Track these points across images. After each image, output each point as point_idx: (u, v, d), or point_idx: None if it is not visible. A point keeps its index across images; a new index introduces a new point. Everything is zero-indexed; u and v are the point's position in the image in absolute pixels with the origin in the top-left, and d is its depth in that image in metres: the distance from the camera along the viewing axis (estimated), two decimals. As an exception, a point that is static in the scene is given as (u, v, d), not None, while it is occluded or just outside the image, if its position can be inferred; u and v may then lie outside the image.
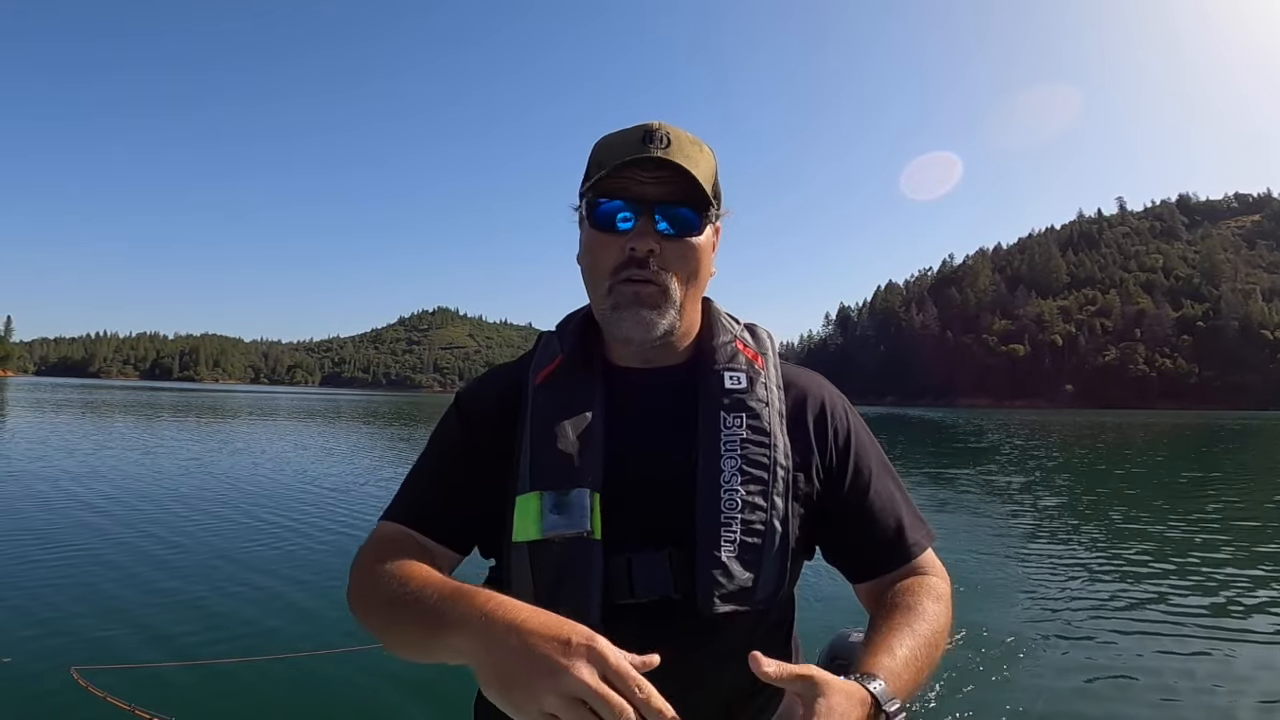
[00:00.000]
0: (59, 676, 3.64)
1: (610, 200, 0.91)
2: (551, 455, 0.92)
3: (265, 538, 7.56)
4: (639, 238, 0.90)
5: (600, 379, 0.99)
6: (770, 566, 0.90)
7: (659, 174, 0.89)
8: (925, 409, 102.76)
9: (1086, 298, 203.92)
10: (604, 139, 0.96)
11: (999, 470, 16.44)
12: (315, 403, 60.95)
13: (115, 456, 14.62)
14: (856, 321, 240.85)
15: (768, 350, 1.04)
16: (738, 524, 0.88)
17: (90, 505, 9.11)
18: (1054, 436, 32.52)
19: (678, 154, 0.90)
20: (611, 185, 0.91)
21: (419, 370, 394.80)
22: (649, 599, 0.88)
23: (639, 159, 0.88)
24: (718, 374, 0.97)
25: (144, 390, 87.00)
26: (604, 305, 0.95)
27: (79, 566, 6.14)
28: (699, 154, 0.93)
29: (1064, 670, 4.24)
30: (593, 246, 0.94)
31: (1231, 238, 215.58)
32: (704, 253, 0.95)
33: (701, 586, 0.87)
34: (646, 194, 0.90)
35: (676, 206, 0.91)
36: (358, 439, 22.67)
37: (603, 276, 0.94)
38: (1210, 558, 7.23)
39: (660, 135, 0.90)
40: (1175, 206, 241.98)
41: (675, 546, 0.89)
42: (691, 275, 0.95)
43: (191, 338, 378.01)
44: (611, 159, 0.91)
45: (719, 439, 0.92)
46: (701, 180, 0.90)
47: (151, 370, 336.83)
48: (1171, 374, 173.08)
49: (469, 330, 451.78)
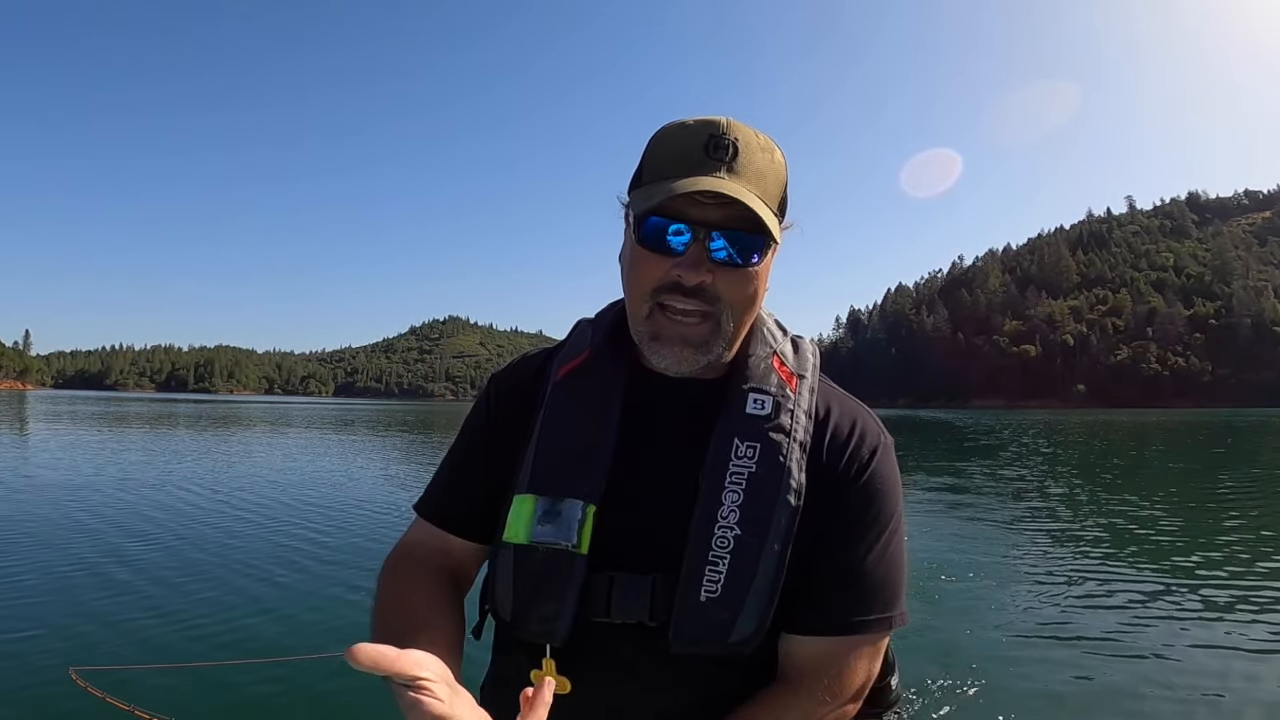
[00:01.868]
0: (58, 677, 3.62)
1: (662, 218, 0.82)
2: (554, 459, 0.89)
3: (267, 540, 7.63)
4: (690, 268, 0.82)
5: (623, 383, 0.93)
6: (751, 612, 0.84)
7: (722, 196, 0.79)
8: (938, 411, 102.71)
9: (1097, 297, 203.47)
10: (664, 134, 0.86)
11: (1009, 469, 16.87)
12: (331, 413, 61.36)
13: (120, 462, 14.94)
14: (867, 324, 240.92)
15: (806, 370, 0.95)
16: (725, 564, 0.83)
17: (88, 507, 9.26)
18: (1066, 436, 32.80)
19: (745, 167, 0.82)
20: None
21: (431, 379, 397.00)
22: (624, 621, 0.85)
23: (700, 187, 0.79)
24: (742, 394, 0.90)
25: (161, 402, 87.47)
26: (642, 327, 0.88)
27: (78, 568, 6.20)
28: (769, 164, 0.84)
29: (1061, 666, 4.24)
30: (637, 262, 0.86)
31: (1242, 235, 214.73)
32: (761, 280, 0.87)
33: (676, 621, 0.83)
34: (707, 217, 0.81)
35: (740, 234, 0.82)
36: (369, 446, 22.78)
37: (643, 295, 0.86)
38: (1221, 555, 7.22)
39: (726, 143, 0.81)
40: (1185, 204, 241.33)
41: (662, 573, 0.85)
42: (748, 305, 0.87)
43: (206, 349, 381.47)
44: (671, 168, 0.82)
45: (725, 469, 0.86)
46: (770, 199, 0.83)
47: (167, 382, 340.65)
48: (1184, 372, 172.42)
49: (480, 339, 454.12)
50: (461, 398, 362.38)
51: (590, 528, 0.85)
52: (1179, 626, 5.00)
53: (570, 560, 0.85)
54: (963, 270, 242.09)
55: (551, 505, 0.86)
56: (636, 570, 0.86)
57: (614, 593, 0.85)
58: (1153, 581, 6.24)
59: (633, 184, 0.88)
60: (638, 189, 0.86)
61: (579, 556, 0.85)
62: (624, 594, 0.85)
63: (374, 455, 19.71)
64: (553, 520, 0.85)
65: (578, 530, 0.85)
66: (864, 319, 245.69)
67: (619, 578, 0.85)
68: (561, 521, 0.85)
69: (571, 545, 0.84)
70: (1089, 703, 3.81)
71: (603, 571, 0.85)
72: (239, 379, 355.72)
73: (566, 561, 0.85)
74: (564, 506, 0.86)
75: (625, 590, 0.85)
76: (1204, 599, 5.67)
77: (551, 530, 0.85)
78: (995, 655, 4.38)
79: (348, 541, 7.67)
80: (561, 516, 0.85)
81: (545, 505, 0.86)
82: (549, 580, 0.85)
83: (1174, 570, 6.68)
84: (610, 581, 0.85)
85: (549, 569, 0.85)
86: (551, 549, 0.85)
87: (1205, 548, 7.66)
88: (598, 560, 0.85)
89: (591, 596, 0.85)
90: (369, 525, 8.61)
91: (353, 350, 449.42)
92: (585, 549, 0.85)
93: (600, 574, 0.85)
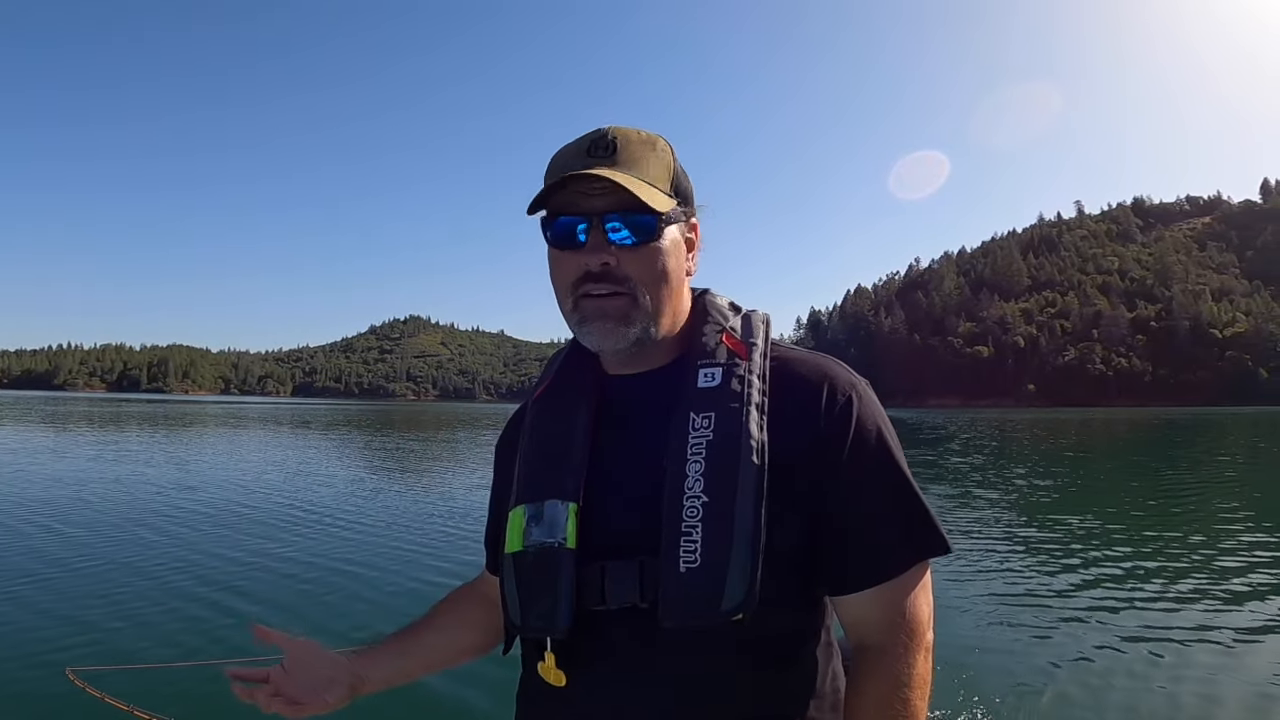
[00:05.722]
0: (55, 677, 3.65)
1: (562, 216, 0.91)
2: (535, 469, 0.96)
3: (262, 539, 7.76)
4: (592, 252, 0.90)
5: (590, 389, 1.00)
6: (736, 576, 0.83)
7: (605, 184, 0.87)
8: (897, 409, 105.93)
9: (1047, 300, 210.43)
10: (557, 152, 0.95)
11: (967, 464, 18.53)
12: (293, 413, 61.00)
13: (111, 463, 15.29)
14: (828, 325, 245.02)
15: (755, 339, 0.98)
16: (698, 533, 0.85)
17: (84, 508, 9.46)
18: (1016, 433, 35.09)
19: (624, 159, 0.89)
20: (563, 201, 0.90)
21: (392, 379, 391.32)
22: (619, 606, 0.88)
23: (572, 171, 0.87)
24: (694, 371, 0.94)
25: (116, 403, 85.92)
26: (572, 320, 0.95)
27: (74, 568, 6.30)
28: (650, 154, 0.92)
29: (1021, 657, 4.44)
30: (552, 263, 0.94)
31: (1183, 240, 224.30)
32: (670, 254, 0.93)
33: (663, 597, 0.85)
34: (595, 206, 0.89)
35: (628, 214, 0.89)
36: (337, 446, 23.22)
37: (566, 293, 0.94)
38: (1160, 539, 7.84)
39: (606, 142, 0.90)
40: (1130, 210, 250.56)
41: (646, 555, 0.87)
42: (659, 279, 0.93)
43: (159, 349, 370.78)
44: (559, 172, 0.90)
45: (686, 442, 0.89)
46: (651, 181, 0.90)
47: (119, 382, 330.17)
48: (1127, 373, 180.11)
49: (441, 338, 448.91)
50: (423, 398, 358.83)
51: (574, 524, 0.90)
52: (1121, 611, 5.42)
53: (558, 555, 0.89)
54: (920, 272, 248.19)
55: (536, 510, 0.92)
56: (623, 556, 0.89)
57: (606, 580, 0.88)
58: (1099, 564, 6.87)
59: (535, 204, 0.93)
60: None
61: (567, 550, 0.89)
62: (614, 580, 0.88)
63: (351, 454, 20.20)
64: (540, 521, 0.91)
65: (562, 526, 0.89)
66: (824, 320, 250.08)
67: (609, 566, 0.88)
68: (546, 521, 0.90)
69: (558, 541, 0.89)
70: (1040, 686, 4.02)
71: (593, 563, 0.89)
72: (194, 379, 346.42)
73: (555, 556, 0.89)
74: (547, 508, 0.91)
75: (614, 576, 0.88)
76: (1138, 580, 6.26)
77: (541, 531, 0.90)
78: (957, 642, 4.61)
79: (347, 541, 7.89)
80: (545, 517, 0.91)
81: (531, 511, 0.92)
82: (542, 577, 0.89)
83: (1118, 555, 7.30)
84: (602, 570, 0.88)
85: (541, 567, 0.90)
86: (542, 548, 0.90)
87: (1140, 532, 8.44)
88: (588, 554, 0.89)
89: (586, 588, 0.88)
90: (369, 525, 8.93)
91: (311, 350, 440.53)
92: (572, 543, 0.89)
93: (591, 565, 0.89)
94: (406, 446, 24.31)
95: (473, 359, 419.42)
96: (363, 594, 5.85)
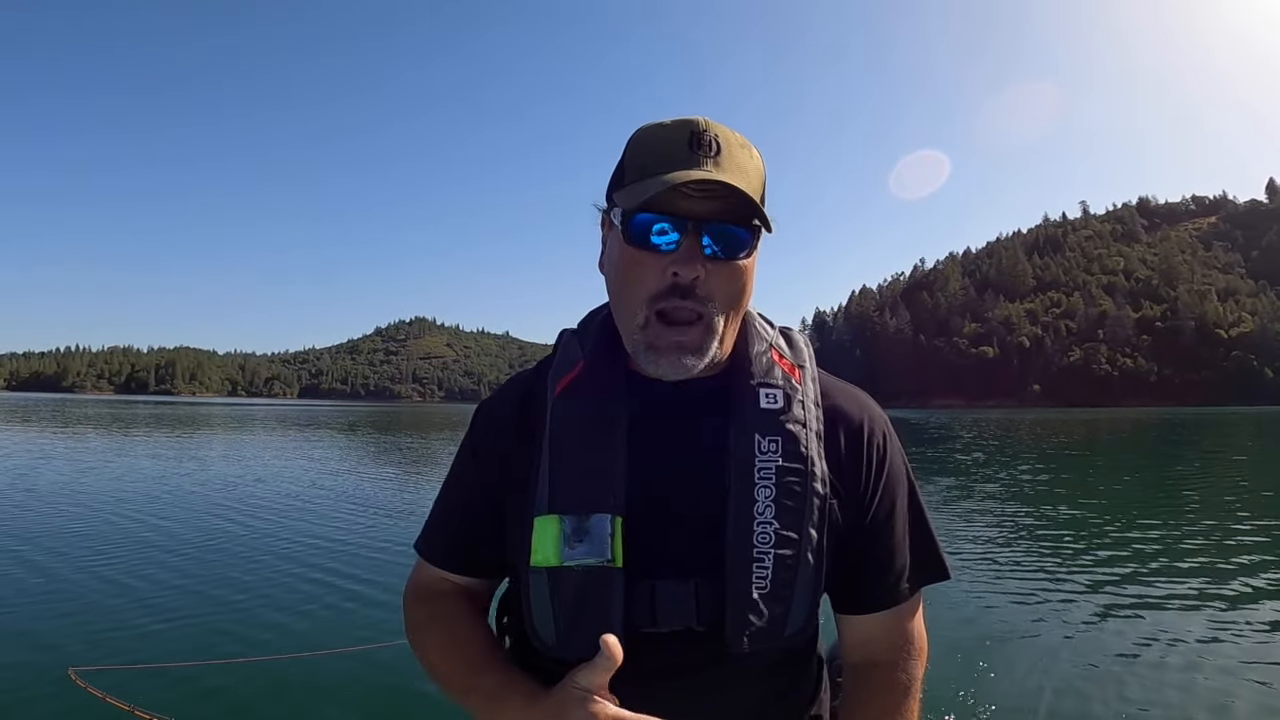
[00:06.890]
0: (57, 677, 3.66)
1: (651, 214, 0.81)
2: (571, 476, 0.87)
3: (260, 539, 7.70)
4: (684, 262, 0.81)
5: (624, 390, 0.92)
6: (802, 602, 0.86)
7: (712, 187, 0.80)
8: (901, 410, 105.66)
9: (1052, 300, 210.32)
10: (643, 134, 0.86)
11: (971, 464, 18.47)
12: (299, 414, 60.93)
13: (110, 463, 15.32)
14: (833, 326, 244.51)
15: (805, 361, 0.97)
16: (770, 559, 0.84)
17: (85, 509, 9.42)
18: (1021, 433, 34.93)
19: (728, 163, 0.82)
20: (656, 195, 0.80)
21: (398, 380, 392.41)
22: (670, 629, 0.85)
23: (694, 178, 0.79)
24: (753, 390, 0.90)
25: (124, 405, 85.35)
26: (637, 337, 0.86)
27: (75, 568, 6.26)
28: (748, 160, 0.85)
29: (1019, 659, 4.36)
30: (628, 265, 0.84)
31: (1189, 239, 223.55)
32: (751, 275, 0.87)
33: (731, 622, 0.83)
34: (696, 210, 0.81)
35: (727, 225, 0.82)
36: (342, 448, 23.07)
37: (638, 303, 0.85)
38: (1166, 538, 7.74)
39: (708, 140, 0.81)
40: (1135, 209, 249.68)
41: (702, 577, 0.85)
42: (737, 301, 0.87)
43: (166, 351, 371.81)
44: (656, 165, 0.81)
45: (753, 466, 0.86)
46: (754, 193, 0.82)
47: (127, 384, 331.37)
48: (1132, 373, 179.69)
49: (447, 339, 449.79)
50: (429, 399, 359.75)
51: (620, 540, 0.84)
52: (1130, 607, 5.38)
53: (609, 576, 0.83)
54: (924, 273, 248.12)
55: (578, 523, 0.85)
56: (675, 576, 0.85)
57: (657, 601, 0.84)
58: (1095, 570, 6.74)
59: (613, 186, 0.87)
60: (621, 189, 0.85)
61: (616, 570, 0.84)
62: (668, 601, 0.84)
63: (355, 456, 20.08)
64: (583, 537, 0.84)
65: (609, 544, 0.83)
66: (829, 321, 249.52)
67: (660, 586, 0.84)
68: (592, 538, 0.84)
69: (606, 560, 0.83)
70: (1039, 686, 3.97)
71: (642, 582, 0.84)
72: (201, 381, 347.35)
73: (604, 578, 0.83)
74: (591, 523, 0.84)
75: (669, 597, 0.84)
76: (1141, 581, 6.19)
77: (584, 548, 0.84)
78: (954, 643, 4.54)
79: (345, 541, 7.84)
80: (590, 533, 0.84)
81: (572, 524, 0.85)
82: (590, 598, 0.84)
83: (1112, 560, 7.17)
84: (652, 590, 0.84)
85: (588, 587, 0.84)
86: (586, 567, 0.83)
87: (1143, 533, 8.41)
88: (634, 571, 0.84)
89: (635, 609, 0.84)
90: (367, 525, 8.89)
91: (317, 351, 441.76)
92: (620, 562, 0.84)
93: (640, 585, 0.84)
94: (413, 446, 24.35)
95: (478, 360, 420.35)
96: (364, 594, 5.90)
